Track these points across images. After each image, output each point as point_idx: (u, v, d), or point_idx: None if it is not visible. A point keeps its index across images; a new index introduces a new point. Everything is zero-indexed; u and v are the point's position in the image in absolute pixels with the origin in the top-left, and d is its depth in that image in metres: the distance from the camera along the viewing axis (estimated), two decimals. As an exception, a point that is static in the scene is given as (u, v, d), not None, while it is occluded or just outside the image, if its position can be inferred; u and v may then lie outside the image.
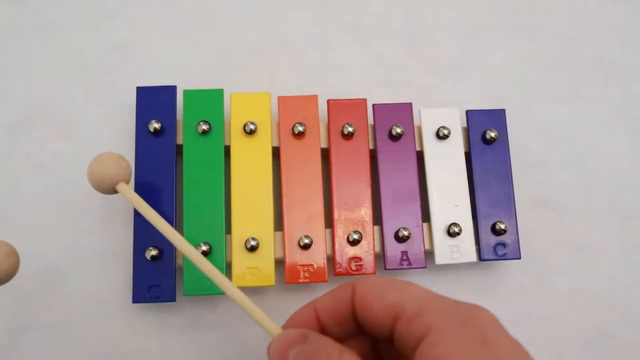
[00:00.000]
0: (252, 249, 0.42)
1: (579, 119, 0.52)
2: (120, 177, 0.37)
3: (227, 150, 0.45)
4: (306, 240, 0.42)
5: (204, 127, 0.44)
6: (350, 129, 0.45)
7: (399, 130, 0.45)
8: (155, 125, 0.44)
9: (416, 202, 0.45)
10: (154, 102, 0.45)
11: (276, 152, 0.45)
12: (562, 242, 0.49)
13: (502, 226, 0.44)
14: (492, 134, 0.46)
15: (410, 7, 0.54)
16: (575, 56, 0.54)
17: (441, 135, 0.46)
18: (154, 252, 0.41)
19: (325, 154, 0.46)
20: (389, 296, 0.28)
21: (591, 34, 0.54)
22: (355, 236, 0.43)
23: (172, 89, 0.45)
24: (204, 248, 0.42)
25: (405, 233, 0.43)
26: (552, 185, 0.50)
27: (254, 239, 0.42)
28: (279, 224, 0.44)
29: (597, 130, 0.52)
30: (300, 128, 0.44)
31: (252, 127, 0.44)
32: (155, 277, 0.42)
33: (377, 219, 0.45)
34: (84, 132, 0.49)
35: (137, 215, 0.43)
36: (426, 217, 0.45)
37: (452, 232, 0.44)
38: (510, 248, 0.45)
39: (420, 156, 0.46)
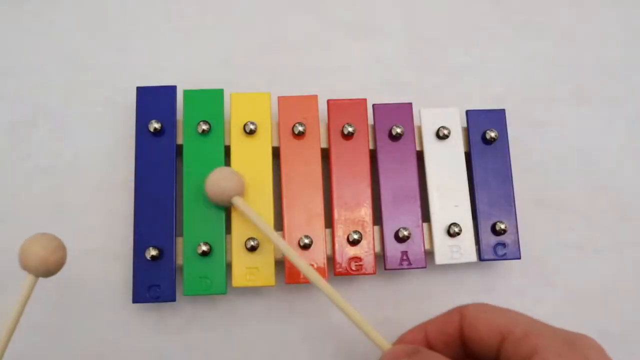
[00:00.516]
0: (252, 249, 0.42)
1: (579, 119, 0.52)
2: (234, 191, 0.41)
3: (227, 150, 0.45)
4: (306, 240, 0.42)
5: (204, 127, 0.44)
6: (350, 129, 0.45)
7: (399, 130, 0.45)
8: (155, 125, 0.44)
9: (416, 202, 0.45)
10: (154, 102, 0.45)
11: (276, 152, 0.45)
12: (562, 242, 0.49)
13: (502, 226, 0.44)
14: (492, 134, 0.46)
15: (410, 7, 0.54)
16: (575, 56, 0.54)
17: (441, 135, 0.46)
18: (154, 252, 0.41)
19: (325, 154, 0.46)
20: (497, 319, 0.31)
21: (591, 34, 0.54)
22: (355, 236, 0.43)
23: (172, 89, 0.45)
24: (204, 248, 0.42)
25: (405, 233, 0.43)
26: (552, 185, 0.50)
27: (254, 239, 0.42)
28: (279, 224, 0.44)
29: (597, 130, 0.52)
30: (300, 128, 0.44)
31: (252, 127, 0.44)
32: (155, 277, 0.42)
33: (377, 219, 0.45)
34: (84, 132, 0.49)
35: (137, 215, 0.43)
36: (426, 217, 0.45)
37: (452, 232, 0.44)
38: (510, 248, 0.45)
39: (420, 156, 0.46)
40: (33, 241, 0.36)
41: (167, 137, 0.44)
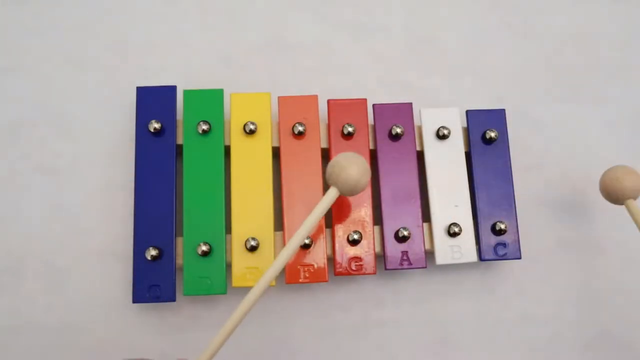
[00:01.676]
0: (252, 249, 0.42)
1: (579, 119, 0.52)
2: (633, 194, 0.42)
3: (227, 150, 0.45)
4: (306, 240, 0.42)
5: (204, 127, 0.44)
6: (350, 129, 0.45)
7: (399, 130, 0.45)
8: (155, 125, 0.44)
9: (416, 202, 0.45)
10: (154, 102, 0.45)
11: (276, 152, 0.45)
12: (562, 242, 0.49)
13: (502, 226, 0.44)
14: (492, 134, 0.46)
15: (410, 7, 0.54)
16: (575, 56, 0.54)
17: (441, 135, 0.46)
18: (154, 252, 0.41)
19: (325, 154, 0.46)
20: None
21: (591, 34, 0.54)
22: (355, 236, 0.43)
23: (172, 89, 0.45)
24: (204, 248, 0.42)
25: (405, 233, 0.43)
26: (552, 185, 0.50)
27: (254, 239, 0.42)
28: (279, 224, 0.44)
29: (597, 130, 0.52)
30: (300, 128, 0.44)
31: (252, 127, 0.44)
32: (155, 277, 0.42)
33: (377, 219, 0.45)
34: (84, 132, 0.49)
35: (137, 215, 0.43)
36: (426, 217, 0.45)
37: (452, 232, 0.44)
38: (511, 248, 0.45)
39: (420, 156, 0.46)
40: (350, 160, 0.36)
41: (167, 137, 0.44)
